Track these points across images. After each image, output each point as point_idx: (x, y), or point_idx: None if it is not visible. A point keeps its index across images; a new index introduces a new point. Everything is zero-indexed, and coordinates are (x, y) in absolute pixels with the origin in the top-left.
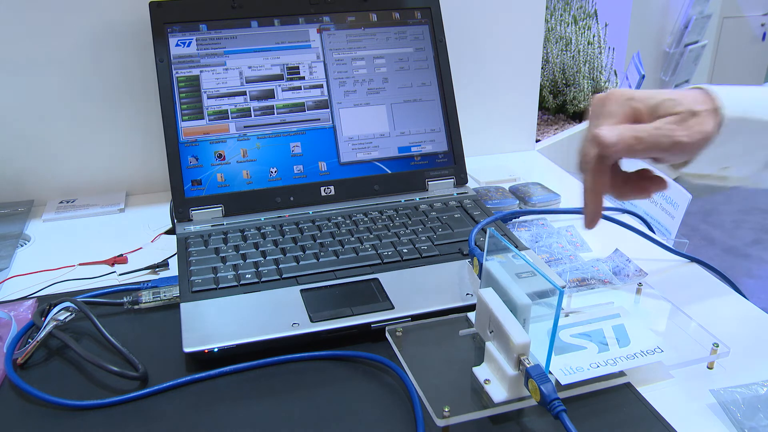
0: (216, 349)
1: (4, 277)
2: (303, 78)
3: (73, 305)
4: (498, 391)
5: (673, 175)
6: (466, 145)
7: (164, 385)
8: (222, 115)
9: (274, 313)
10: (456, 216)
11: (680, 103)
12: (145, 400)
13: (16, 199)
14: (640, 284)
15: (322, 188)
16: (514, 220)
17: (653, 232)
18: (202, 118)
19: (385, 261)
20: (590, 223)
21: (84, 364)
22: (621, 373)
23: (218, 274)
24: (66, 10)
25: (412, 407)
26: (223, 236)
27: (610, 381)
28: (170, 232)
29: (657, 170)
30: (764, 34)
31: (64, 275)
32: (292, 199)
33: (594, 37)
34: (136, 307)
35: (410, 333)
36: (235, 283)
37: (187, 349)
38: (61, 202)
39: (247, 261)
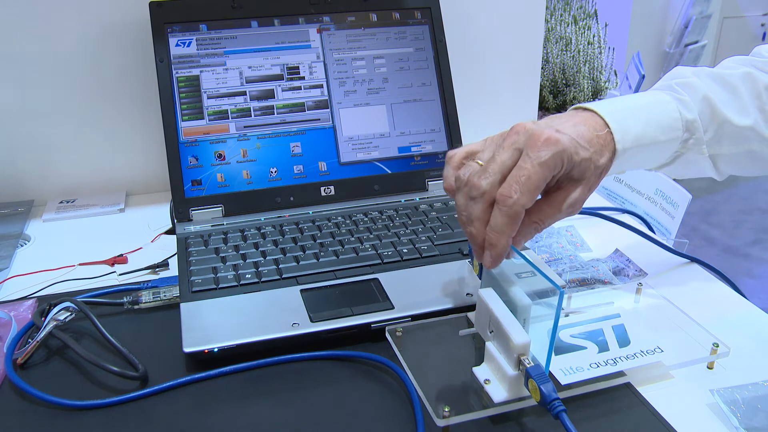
0: (216, 349)
1: (4, 277)
2: (303, 78)
3: (73, 305)
4: (498, 391)
5: (672, 176)
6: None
7: (164, 385)
8: (222, 115)
9: (274, 313)
10: (456, 216)
11: (590, 166)
12: (145, 400)
13: (16, 199)
14: (640, 284)
15: (322, 188)
16: None
17: (653, 232)
18: (202, 118)
19: (385, 261)
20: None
21: (84, 364)
22: (621, 373)
23: (218, 274)
24: (66, 10)
25: (412, 407)
26: (223, 236)
27: (610, 381)
28: (170, 232)
29: None
30: (764, 34)
31: (64, 275)
32: (292, 199)
33: (594, 37)
34: (136, 307)
35: (410, 333)
36: (235, 283)
37: (187, 349)
38: (61, 202)
39: (247, 261)
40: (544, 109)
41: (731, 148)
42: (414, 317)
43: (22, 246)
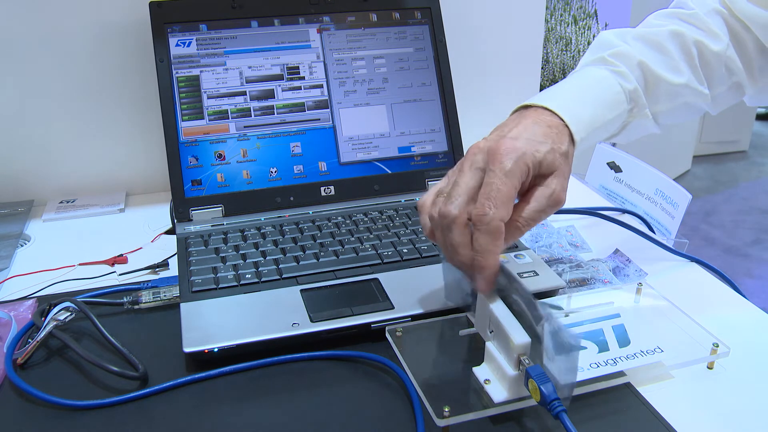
0: (216, 349)
1: (4, 277)
2: (303, 78)
3: (73, 305)
4: (498, 391)
5: (673, 175)
6: (466, 145)
7: (164, 385)
8: (222, 115)
9: (274, 313)
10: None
11: (555, 156)
12: (145, 400)
13: (16, 199)
14: (640, 284)
15: (322, 188)
16: None
17: (653, 232)
18: (202, 118)
19: (385, 261)
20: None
21: (84, 364)
22: (621, 373)
23: (218, 274)
24: (66, 10)
25: (412, 407)
26: (223, 236)
27: (610, 381)
28: (170, 232)
29: None
30: None
31: (64, 275)
32: (292, 199)
33: (594, 37)
34: (136, 307)
35: (410, 333)
36: (235, 283)
37: (187, 349)
38: (61, 202)
39: (247, 261)
40: None
41: (668, 104)
42: (414, 317)
43: (22, 246)
